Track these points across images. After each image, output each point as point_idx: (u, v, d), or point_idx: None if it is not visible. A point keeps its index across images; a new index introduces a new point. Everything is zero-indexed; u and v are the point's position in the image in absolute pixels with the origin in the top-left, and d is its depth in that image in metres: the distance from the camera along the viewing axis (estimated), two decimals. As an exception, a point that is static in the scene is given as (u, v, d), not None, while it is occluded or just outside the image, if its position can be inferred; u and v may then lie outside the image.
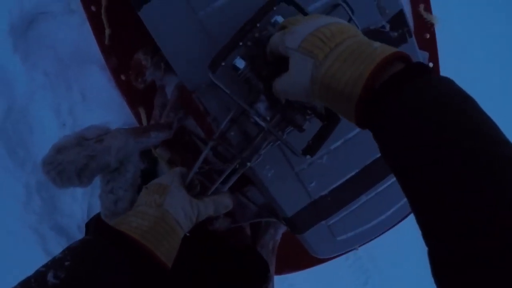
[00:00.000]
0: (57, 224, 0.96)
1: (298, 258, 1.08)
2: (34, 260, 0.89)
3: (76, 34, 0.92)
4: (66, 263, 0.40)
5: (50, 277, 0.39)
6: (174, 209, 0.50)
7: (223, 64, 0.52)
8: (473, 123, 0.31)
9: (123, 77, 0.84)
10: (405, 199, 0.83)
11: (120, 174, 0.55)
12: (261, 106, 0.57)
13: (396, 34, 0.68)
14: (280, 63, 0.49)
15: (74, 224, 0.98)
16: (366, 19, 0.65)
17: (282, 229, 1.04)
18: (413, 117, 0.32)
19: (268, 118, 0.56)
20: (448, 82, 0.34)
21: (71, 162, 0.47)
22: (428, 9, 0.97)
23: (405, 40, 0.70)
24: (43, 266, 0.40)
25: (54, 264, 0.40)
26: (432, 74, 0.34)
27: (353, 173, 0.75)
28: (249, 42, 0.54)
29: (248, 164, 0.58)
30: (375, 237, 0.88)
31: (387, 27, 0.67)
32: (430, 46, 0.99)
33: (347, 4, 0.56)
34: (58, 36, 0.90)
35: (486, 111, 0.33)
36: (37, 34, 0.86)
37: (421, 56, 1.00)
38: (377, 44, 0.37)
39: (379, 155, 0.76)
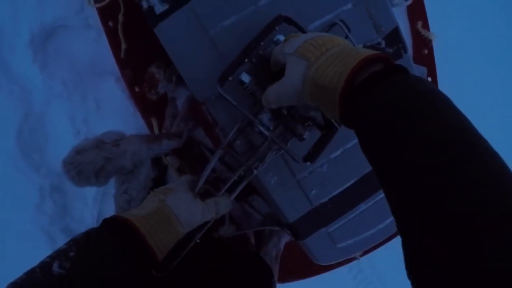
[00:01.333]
0: (67, 227, 1.01)
1: (301, 267, 1.11)
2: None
3: (92, 47, 0.99)
4: (71, 254, 0.41)
5: (55, 267, 0.40)
6: (175, 206, 0.52)
7: (230, 78, 0.57)
8: (442, 115, 0.32)
9: (137, 89, 0.90)
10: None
11: (134, 176, 0.60)
12: (265, 117, 0.62)
13: (391, 50, 0.74)
14: (281, 77, 0.55)
15: (84, 228, 1.02)
16: (362, 36, 0.70)
17: (285, 238, 1.08)
18: (388, 111, 0.34)
19: (271, 128, 0.61)
20: (423, 81, 0.37)
21: (90, 163, 0.52)
22: (425, 26, 1.03)
23: (401, 56, 0.75)
24: (48, 257, 0.42)
25: (59, 254, 0.41)
26: (409, 74, 0.38)
27: (352, 182, 0.79)
28: (254, 58, 0.60)
29: (255, 171, 0.63)
30: (375, 245, 0.92)
31: (383, 43, 0.72)
32: (428, 61, 1.04)
33: (344, 23, 0.62)
34: (75, 48, 0.97)
35: (483, 123, 0.35)
36: (55, 45, 0.93)
37: (419, 70, 1.05)
38: (361, 48, 0.43)
39: None
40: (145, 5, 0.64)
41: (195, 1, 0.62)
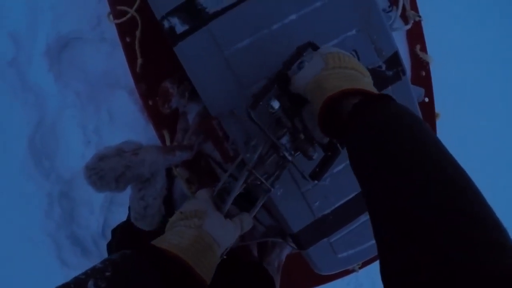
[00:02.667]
0: (73, 234, 1.04)
1: (302, 279, 1.15)
2: (48, 265, 0.97)
3: (106, 60, 1.05)
4: (107, 274, 0.42)
5: (90, 285, 0.40)
6: (213, 231, 0.54)
7: (261, 103, 0.60)
8: (416, 140, 0.39)
9: (150, 102, 0.95)
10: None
11: (150, 184, 0.65)
12: (284, 140, 0.67)
13: (391, 73, 0.80)
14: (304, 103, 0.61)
15: (89, 235, 1.06)
16: (365, 59, 0.76)
17: (287, 249, 1.12)
18: (376, 131, 0.42)
19: (292, 152, 0.66)
20: (401, 108, 0.44)
21: (111, 169, 0.57)
22: (423, 49, 1.10)
23: (399, 78, 0.81)
24: (82, 274, 0.42)
25: (95, 273, 0.42)
26: (391, 102, 0.45)
27: (353, 195, 0.84)
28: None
29: (272, 189, 0.66)
30: (373, 257, 0.97)
31: (384, 66, 0.79)
32: (425, 83, 1.10)
33: (356, 52, 0.69)
34: (90, 60, 1.03)
35: (478, 141, 0.42)
36: (71, 57, 0.99)
37: (417, 91, 1.12)
38: (368, 80, 0.52)
39: None
40: (166, 25, 0.70)
41: (213, 23, 0.68)
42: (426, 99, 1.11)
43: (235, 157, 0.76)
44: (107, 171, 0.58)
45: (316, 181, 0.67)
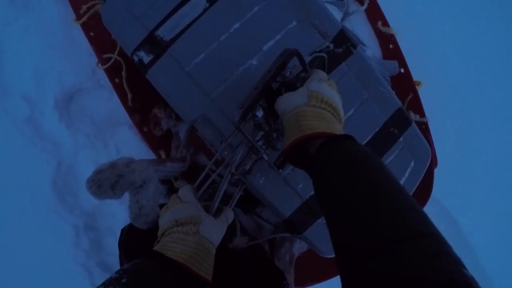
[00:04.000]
0: (103, 261, 1.19)
1: (319, 271, 1.20)
2: (83, 292, 1.11)
3: (107, 103, 1.24)
4: (123, 280, 0.47)
5: None
6: (208, 234, 0.61)
7: (250, 114, 0.68)
8: (372, 174, 0.47)
9: (145, 129, 1.11)
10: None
11: (143, 189, 0.78)
12: (260, 142, 0.77)
13: (340, 50, 0.90)
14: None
15: (117, 261, 1.21)
16: (312, 44, 0.87)
17: (297, 243, 1.19)
18: (338, 165, 0.50)
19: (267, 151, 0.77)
20: (355, 145, 0.53)
21: (106, 179, 0.72)
22: (385, 24, 1.16)
23: (351, 53, 0.90)
24: (101, 285, 0.47)
25: (112, 282, 0.47)
26: (349, 141, 0.54)
27: None
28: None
29: (246, 182, 0.78)
30: None
31: (331, 46, 0.89)
32: (396, 54, 1.16)
33: (325, 58, 0.78)
34: (93, 106, 1.22)
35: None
36: (77, 106, 1.19)
37: (391, 64, 1.19)
38: (339, 122, 0.63)
39: None
40: (136, 58, 0.86)
41: (171, 48, 0.84)
42: (402, 70, 1.16)
43: (222, 160, 0.85)
44: (103, 181, 0.73)
45: (280, 170, 0.78)
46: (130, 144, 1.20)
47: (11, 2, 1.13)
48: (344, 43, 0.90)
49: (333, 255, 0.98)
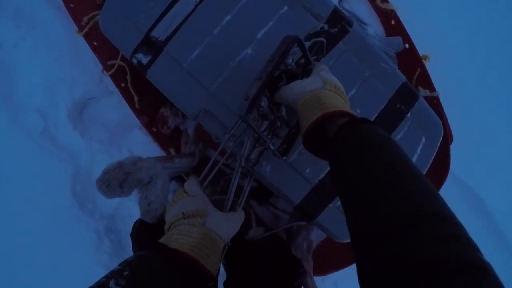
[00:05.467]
0: (126, 262, 1.25)
1: (339, 258, 1.21)
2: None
3: (117, 109, 1.30)
4: (125, 273, 0.47)
5: (112, 284, 0.45)
6: (215, 226, 0.61)
7: (258, 105, 0.70)
8: (389, 157, 0.47)
9: (154, 129, 1.17)
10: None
11: (151, 185, 0.83)
12: (266, 132, 0.79)
13: (336, 29, 0.90)
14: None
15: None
16: (306, 27, 0.89)
17: (314, 230, 1.21)
18: (357, 148, 0.50)
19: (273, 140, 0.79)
20: (373, 129, 0.54)
21: (114, 178, 0.76)
22: (384, 0, 1.17)
23: (347, 31, 0.90)
24: (103, 277, 0.47)
25: (114, 274, 0.47)
26: (371, 125, 0.55)
27: None
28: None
29: (255, 174, 0.80)
30: None
31: (326, 27, 0.90)
32: (399, 30, 1.16)
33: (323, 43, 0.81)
34: (105, 112, 1.28)
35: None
36: (89, 114, 1.25)
37: (395, 40, 1.18)
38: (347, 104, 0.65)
39: None
40: (135, 61, 0.91)
41: (167, 47, 0.88)
42: (407, 45, 1.16)
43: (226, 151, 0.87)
44: (111, 180, 0.77)
45: (284, 157, 0.80)
46: (143, 146, 1.26)
47: (16, 24, 1.21)
48: (339, 22, 0.92)
49: (348, 240, 1.00)
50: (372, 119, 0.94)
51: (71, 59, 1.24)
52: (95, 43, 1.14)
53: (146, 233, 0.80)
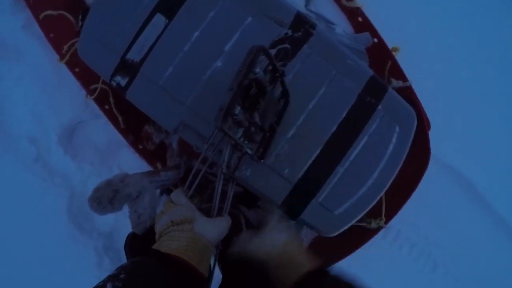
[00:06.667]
0: (127, 277, 1.33)
1: (332, 252, 1.28)
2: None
3: (105, 130, 1.38)
4: (122, 276, 0.52)
5: (109, 286, 0.49)
6: (203, 231, 0.66)
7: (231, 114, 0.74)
8: None
9: (140, 146, 1.25)
10: (384, 161, 1.05)
11: (139, 199, 0.91)
12: (241, 138, 0.84)
13: (300, 33, 0.97)
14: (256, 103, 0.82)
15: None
16: (271, 35, 0.96)
17: (304, 229, 1.28)
18: None
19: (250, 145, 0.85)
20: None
21: (104, 196, 0.85)
22: None
23: (311, 34, 0.97)
24: (100, 282, 0.51)
25: (111, 278, 0.51)
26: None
27: (318, 151, 0.98)
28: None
29: (237, 179, 0.87)
30: (375, 201, 1.07)
31: (290, 32, 0.97)
32: (366, 26, 1.23)
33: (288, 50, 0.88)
34: (93, 135, 1.37)
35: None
36: (78, 138, 1.34)
37: (363, 36, 1.26)
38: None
39: (335, 128, 0.99)
40: (114, 83, 0.99)
41: (143, 68, 0.96)
42: (375, 40, 1.23)
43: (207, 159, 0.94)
44: (101, 197, 0.86)
45: (262, 160, 0.88)
46: (132, 163, 1.34)
47: (2, 56, 1.30)
48: (302, 26, 0.98)
49: (335, 233, 1.06)
50: (343, 115, 1.01)
51: (57, 86, 1.33)
52: (77, 70, 1.23)
53: (138, 244, 0.88)
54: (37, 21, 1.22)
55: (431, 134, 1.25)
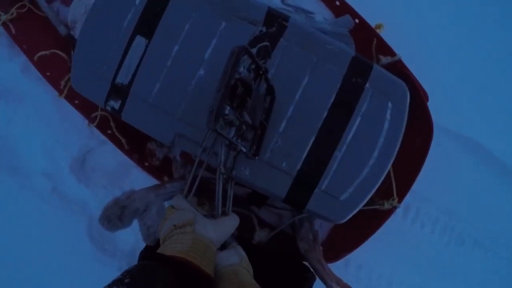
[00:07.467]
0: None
1: (348, 240, 1.30)
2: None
3: (113, 154, 1.46)
4: (126, 280, 0.54)
5: None
6: (204, 231, 0.70)
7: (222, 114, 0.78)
8: None
9: (146, 164, 1.33)
10: (382, 139, 1.07)
11: (147, 213, 0.99)
12: (234, 137, 0.90)
13: (274, 28, 1.02)
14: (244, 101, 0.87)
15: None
16: (246, 34, 1.01)
17: (317, 220, 1.31)
18: None
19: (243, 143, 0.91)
20: None
21: (113, 213, 0.92)
22: None
23: (285, 27, 1.02)
24: (106, 286, 0.53)
25: (116, 282, 0.53)
26: None
27: (312, 139, 1.02)
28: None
29: (235, 178, 0.93)
30: (381, 181, 1.07)
31: (264, 29, 1.01)
32: (345, 9, 1.27)
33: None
34: (103, 161, 1.45)
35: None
36: (89, 165, 1.43)
37: (344, 19, 1.28)
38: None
39: (325, 114, 1.03)
40: (109, 108, 1.07)
41: (132, 89, 1.03)
42: (356, 21, 1.26)
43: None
44: (111, 215, 0.94)
45: (257, 157, 0.93)
46: (143, 181, 1.41)
47: (6, 101, 1.42)
48: (275, 20, 1.03)
49: (345, 219, 1.07)
50: (331, 100, 1.05)
51: (61, 120, 1.43)
52: (76, 101, 1.32)
53: (150, 255, 0.94)
54: (33, 63, 1.32)
55: (432, 104, 1.25)
